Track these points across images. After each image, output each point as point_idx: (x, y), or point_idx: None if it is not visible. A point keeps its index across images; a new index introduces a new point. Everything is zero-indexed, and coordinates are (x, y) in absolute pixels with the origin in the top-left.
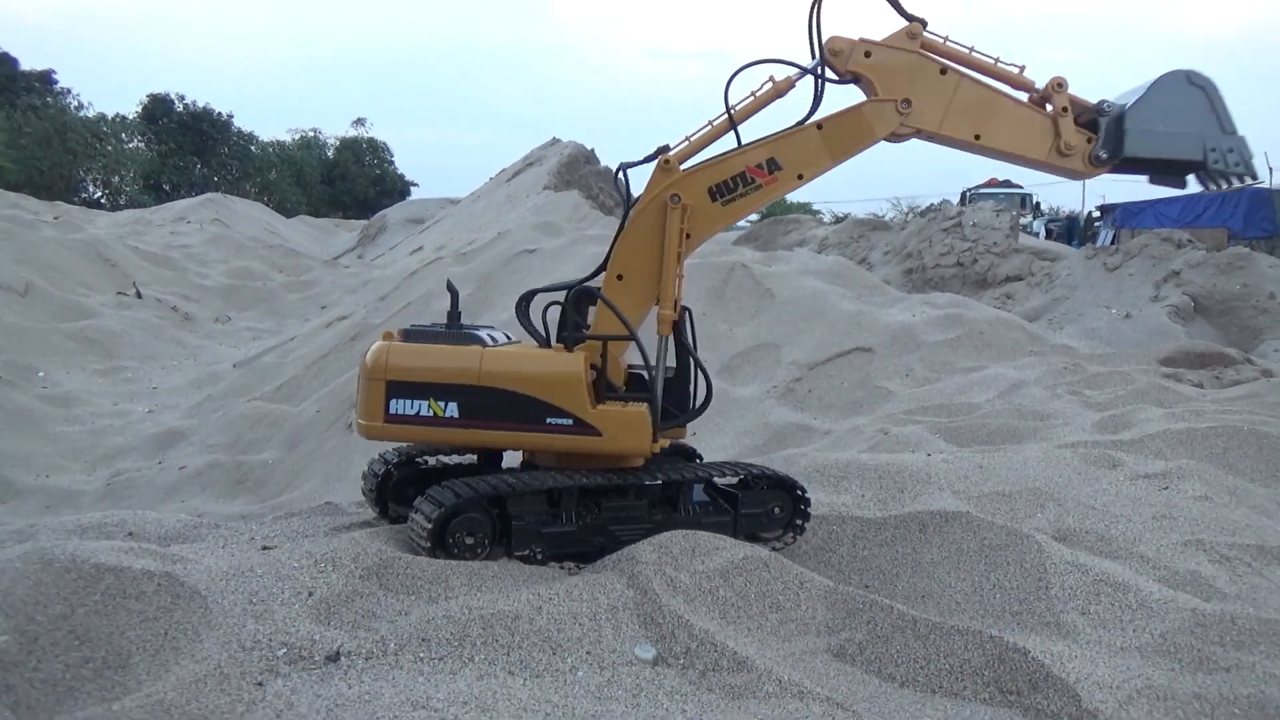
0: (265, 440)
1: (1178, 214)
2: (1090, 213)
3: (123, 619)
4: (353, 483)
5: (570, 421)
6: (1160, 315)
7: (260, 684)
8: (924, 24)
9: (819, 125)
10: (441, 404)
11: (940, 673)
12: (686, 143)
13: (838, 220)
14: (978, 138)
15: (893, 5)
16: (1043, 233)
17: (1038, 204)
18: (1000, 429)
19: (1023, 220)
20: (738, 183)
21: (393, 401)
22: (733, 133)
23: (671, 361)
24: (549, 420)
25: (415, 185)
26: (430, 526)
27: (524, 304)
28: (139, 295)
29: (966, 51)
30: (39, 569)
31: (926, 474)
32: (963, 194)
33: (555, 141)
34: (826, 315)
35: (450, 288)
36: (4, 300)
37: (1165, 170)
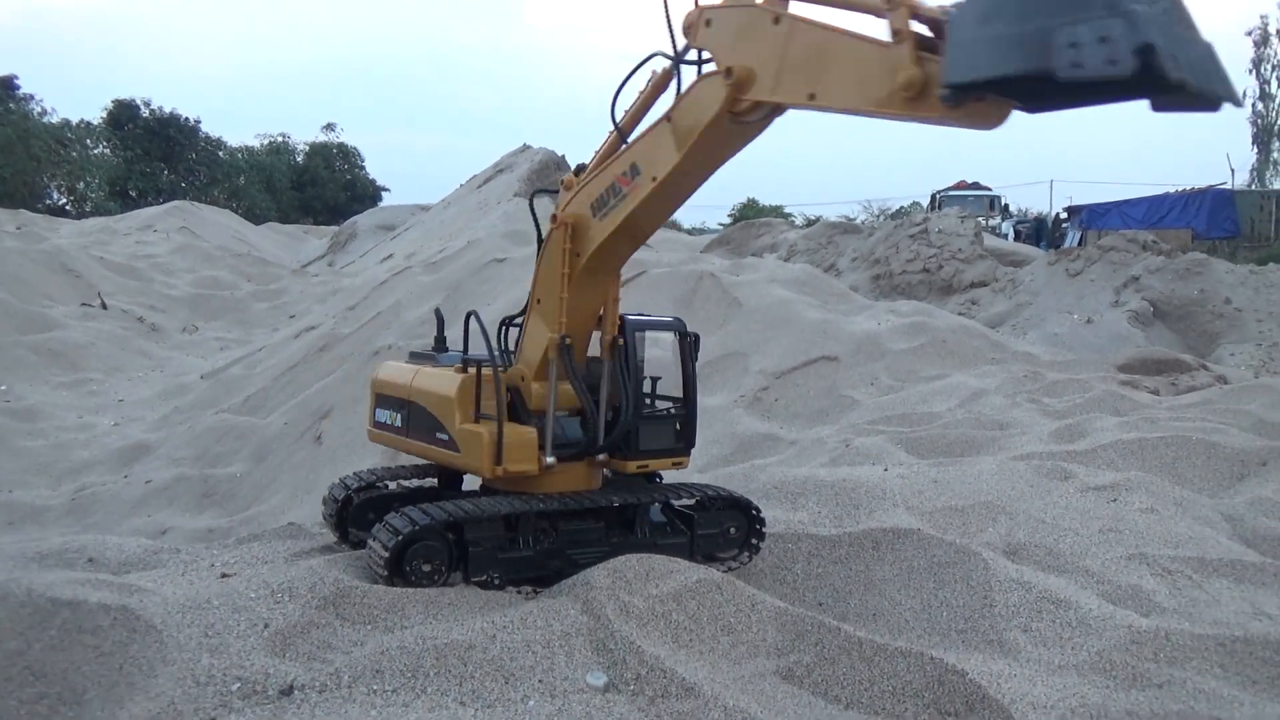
0: (233, 453)
1: (1143, 215)
2: (1058, 214)
3: (78, 654)
4: (320, 495)
5: (446, 437)
6: (1121, 321)
7: (213, 719)
8: None
9: (669, 118)
10: (395, 415)
11: (884, 694)
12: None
13: (810, 223)
14: (812, 97)
15: None
16: (1011, 234)
17: (1006, 205)
18: (959, 439)
19: (990, 222)
20: (609, 195)
21: (377, 410)
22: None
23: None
24: (437, 435)
25: (386, 190)
26: (387, 555)
27: (504, 327)
28: (104, 306)
29: None
30: None
31: (882, 490)
32: (932, 196)
33: (526, 148)
34: (793, 324)
35: (437, 314)
36: None
37: (1053, 94)
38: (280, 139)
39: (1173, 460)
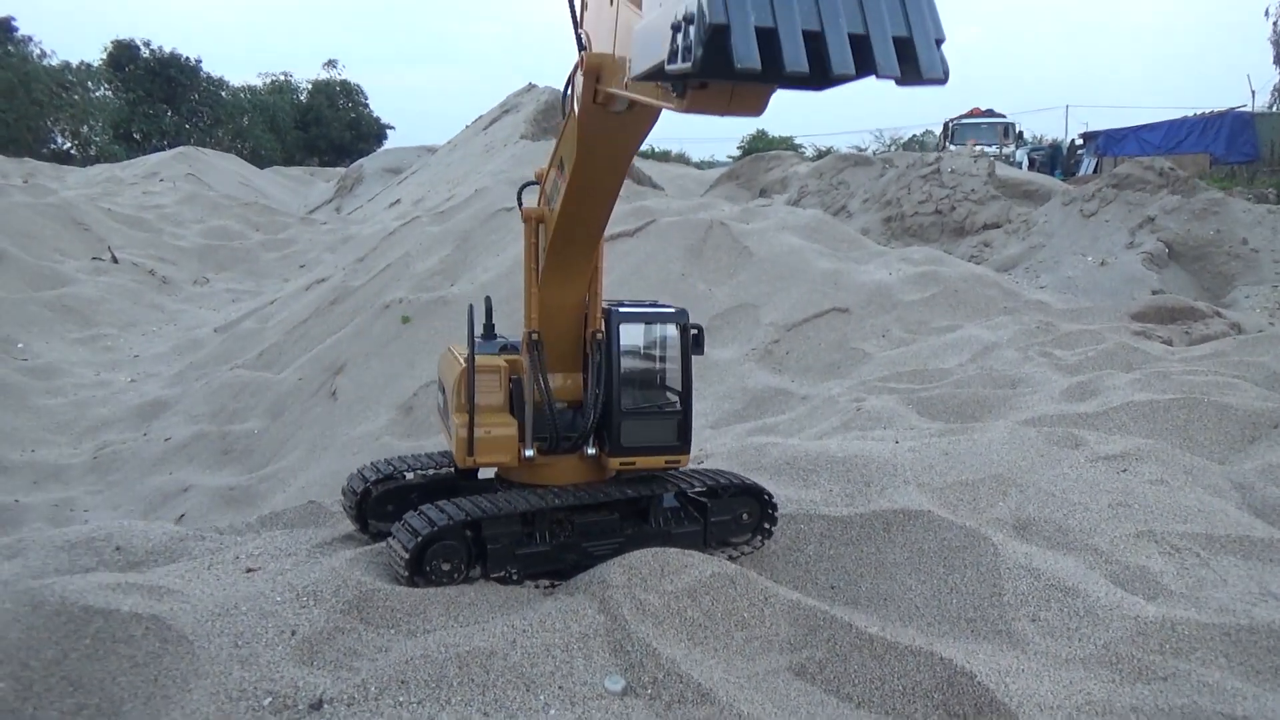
0: (249, 409)
1: (1160, 140)
2: (1073, 141)
3: (114, 664)
4: (337, 451)
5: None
6: (1135, 263)
7: None
8: None
9: (573, 109)
10: (440, 398)
11: (894, 693)
12: None
13: (820, 155)
14: (627, 87)
15: None
16: (1025, 162)
17: (1020, 133)
18: (970, 399)
19: (1005, 149)
20: (554, 188)
21: (437, 395)
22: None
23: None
24: (446, 421)
25: (392, 128)
26: (408, 556)
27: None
28: (114, 259)
29: None
30: (30, 612)
31: (893, 466)
32: (945, 124)
33: (531, 87)
34: (804, 274)
35: (486, 301)
36: None
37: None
38: (282, 77)
39: (1184, 423)
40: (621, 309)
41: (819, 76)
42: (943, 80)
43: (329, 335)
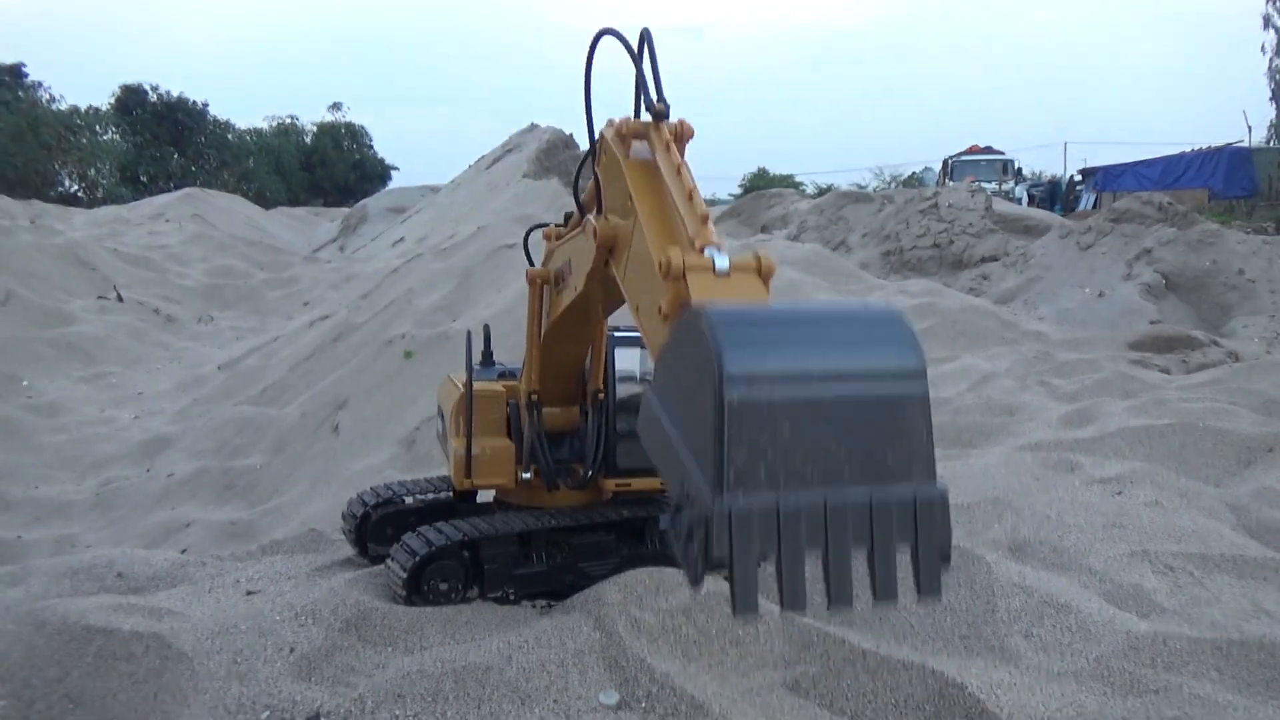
0: (252, 445)
1: (1158, 176)
2: (1072, 177)
3: (114, 681)
4: (339, 486)
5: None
6: (1133, 294)
7: None
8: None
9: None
10: (439, 423)
11: (887, 706)
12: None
13: (821, 192)
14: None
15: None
16: (1025, 198)
17: (1019, 169)
18: (969, 426)
19: (1004, 186)
20: (561, 280)
21: (437, 422)
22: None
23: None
24: (446, 444)
25: (396, 169)
26: (405, 575)
27: None
28: (120, 299)
29: None
30: (32, 632)
31: None
32: (944, 161)
33: (534, 127)
34: None
35: (485, 330)
36: None
37: None
38: (288, 120)
39: (1179, 448)
40: (616, 334)
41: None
42: (937, 600)
43: (332, 371)
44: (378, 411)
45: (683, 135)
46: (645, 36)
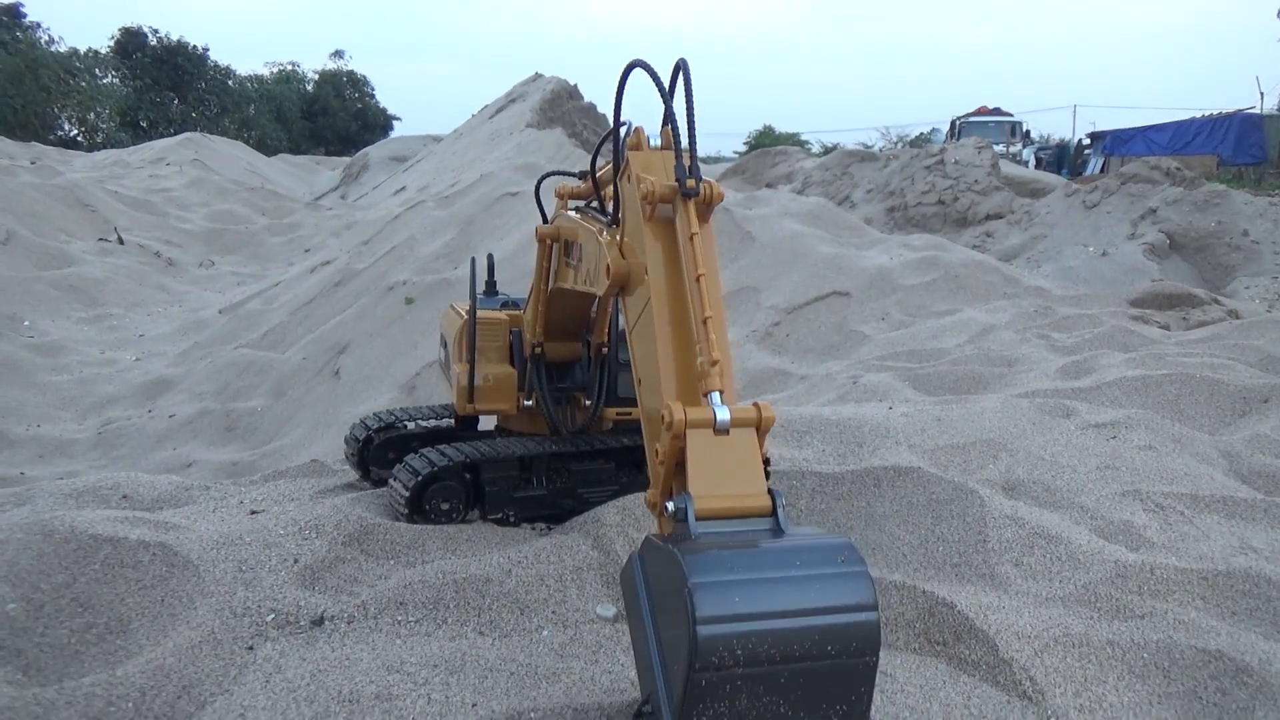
0: (253, 388)
1: (1168, 141)
2: (1080, 140)
3: (122, 587)
4: (339, 429)
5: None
6: (1136, 253)
7: (251, 648)
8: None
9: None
10: (442, 351)
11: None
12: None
13: (826, 151)
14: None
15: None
16: (1032, 161)
17: (1027, 132)
18: (966, 376)
19: (1012, 149)
20: (571, 250)
21: (439, 350)
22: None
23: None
24: (448, 371)
25: (398, 120)
26: (408, 494)
27: None
28: (120, 241)
29: None
30: (41, 540)
31: (886, 428)
32: (952, 123)
33: (538, 77)
34: (805, 258)
35: (489, 259)
36: None
37: None
38: (289, 67)
39: (1175, 397)
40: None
41: None
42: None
43: (333, 316)
44: (379, 356)
45: (711, 202)
46: (681, 68)
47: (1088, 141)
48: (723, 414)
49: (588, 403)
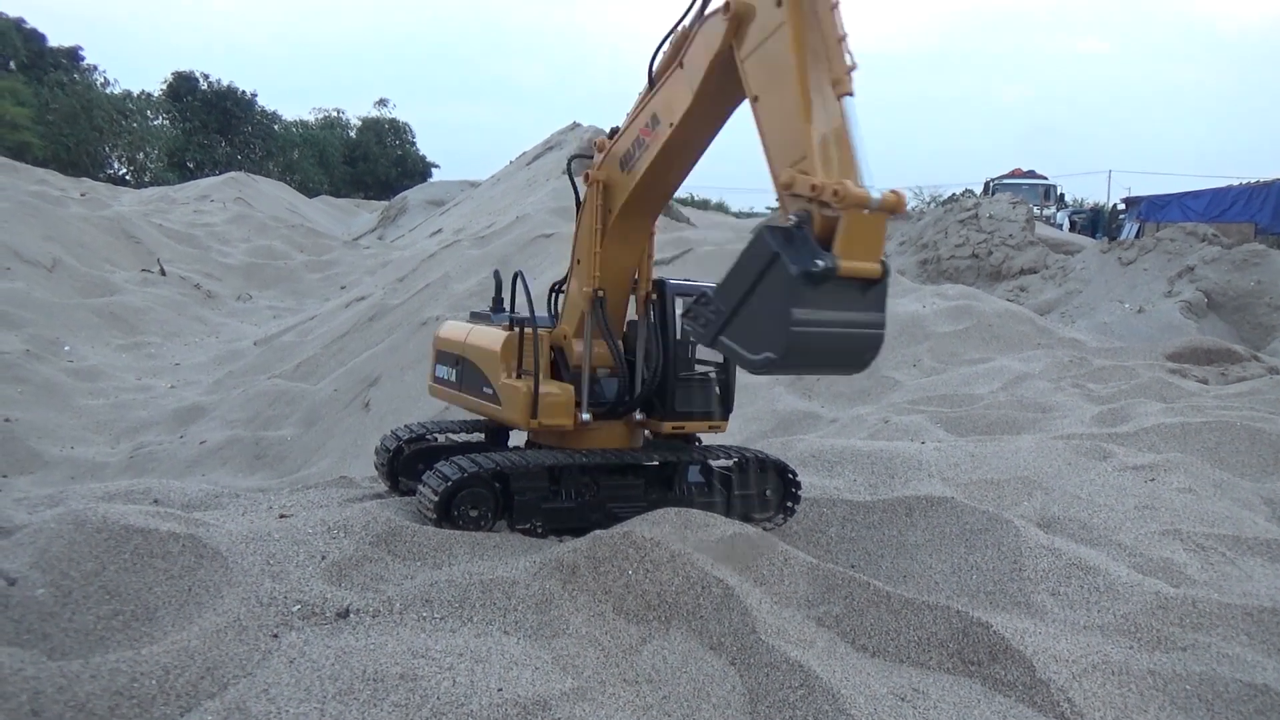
0: (284, 417)
1: (1204, 208)
2: (1115, 205)
3: (150, 576)
4: (368, 459)
5: (490, 390)
6: (1173, 310)
7: (275, 635)
8: None
9: (680, 63)
10: (451, 370)
11: (910, 644)
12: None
13: None
14: (756, 99)
15: None
16: (1066, 224)
17: (1062, 195)
18: (1000, 420)
19: (1046, 211)
20: (635, 148)
21: (437, 366)
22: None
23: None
24: (484, 389)
25: (436, 167)
26: (437, 499)
27: (554, 293)
28: (163, 273)
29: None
30: (73, 529)
31: (918, 461)
32: (986, 184)
33: (575, 126)
34: None
35: (495, 276)
36: (32, 275)
37: None
38: (334, 114)
39: (1215, 445)
40: (672, 281)
41: None
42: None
43: (365, 350)
44: (409, 390)
45: None
46: None
47: (1123, 206)
48: (876, 197)
49: (639, 417)
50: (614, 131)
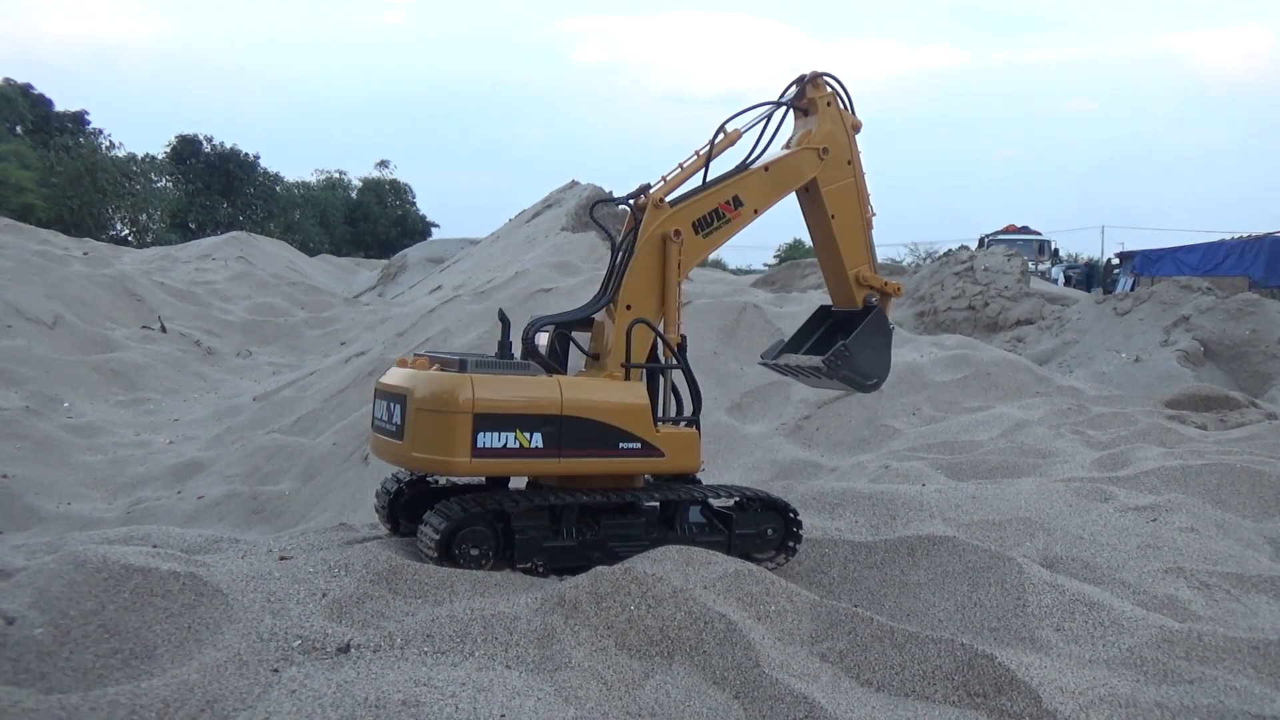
0: (282, 471)
1: (1198, 262)
2: (1109, 260)
3: (149, 614)
4: (368, 513)
5: (639, 445)
6: (1170, 360)
7: (276, 670)
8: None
9: (765, 168)
10: (528, 435)
11: (914, 677)
12: (663, 183)
13: None
14: (833, 217)
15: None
16: (1061, 279)
17: (1056, 250)
18: (1000, 465)
19: (1040, 267)
20: (714, 217)
21: (480, 435)
22: (701, 174)
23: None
24: (620, 445)
25: (436, 226)
26: (438, 538)
27: (530, 333)
28: (163, 329)
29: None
30: (72, 569)
31: (920, 502)
32: (980, 240)
33: (574, 184)
34: None
35: (501, 317)
36: (33, 332)
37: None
38: (336, 175)
39: (1215, 486)
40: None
41: None
42: None
43: (365, 403)
44: None
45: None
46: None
47: (1117, 261)
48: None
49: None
50: (645, 188)
